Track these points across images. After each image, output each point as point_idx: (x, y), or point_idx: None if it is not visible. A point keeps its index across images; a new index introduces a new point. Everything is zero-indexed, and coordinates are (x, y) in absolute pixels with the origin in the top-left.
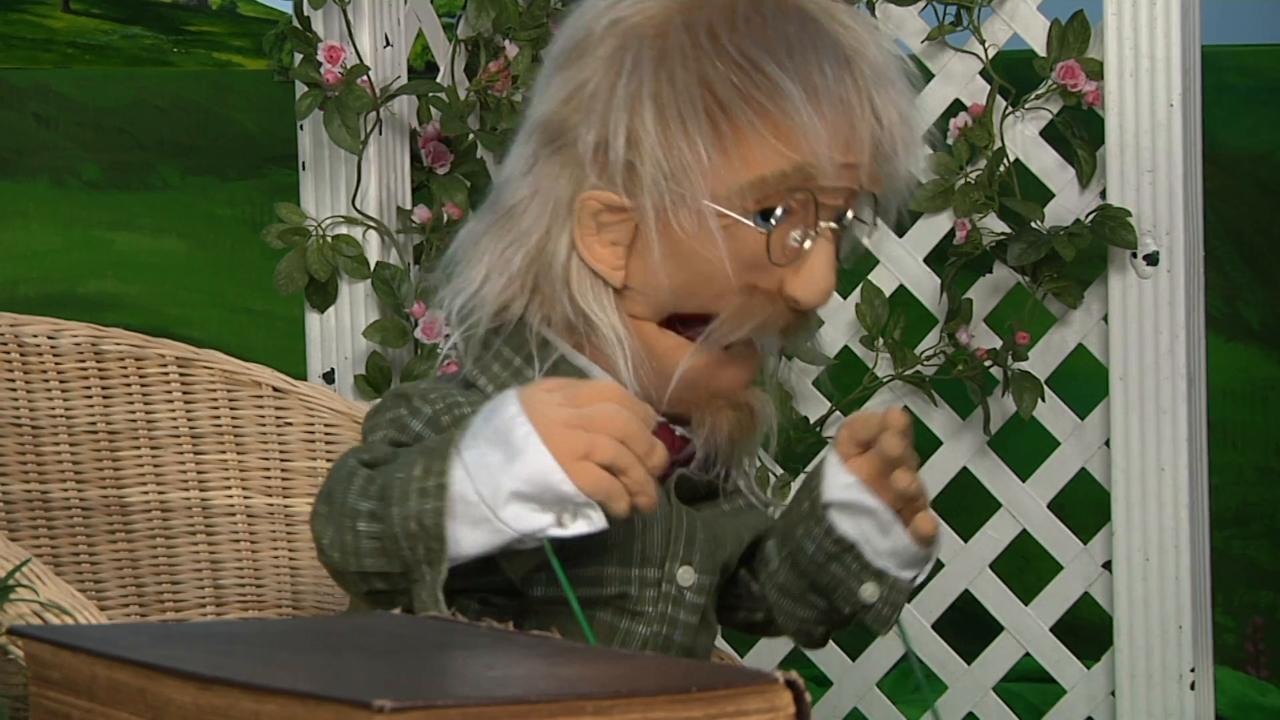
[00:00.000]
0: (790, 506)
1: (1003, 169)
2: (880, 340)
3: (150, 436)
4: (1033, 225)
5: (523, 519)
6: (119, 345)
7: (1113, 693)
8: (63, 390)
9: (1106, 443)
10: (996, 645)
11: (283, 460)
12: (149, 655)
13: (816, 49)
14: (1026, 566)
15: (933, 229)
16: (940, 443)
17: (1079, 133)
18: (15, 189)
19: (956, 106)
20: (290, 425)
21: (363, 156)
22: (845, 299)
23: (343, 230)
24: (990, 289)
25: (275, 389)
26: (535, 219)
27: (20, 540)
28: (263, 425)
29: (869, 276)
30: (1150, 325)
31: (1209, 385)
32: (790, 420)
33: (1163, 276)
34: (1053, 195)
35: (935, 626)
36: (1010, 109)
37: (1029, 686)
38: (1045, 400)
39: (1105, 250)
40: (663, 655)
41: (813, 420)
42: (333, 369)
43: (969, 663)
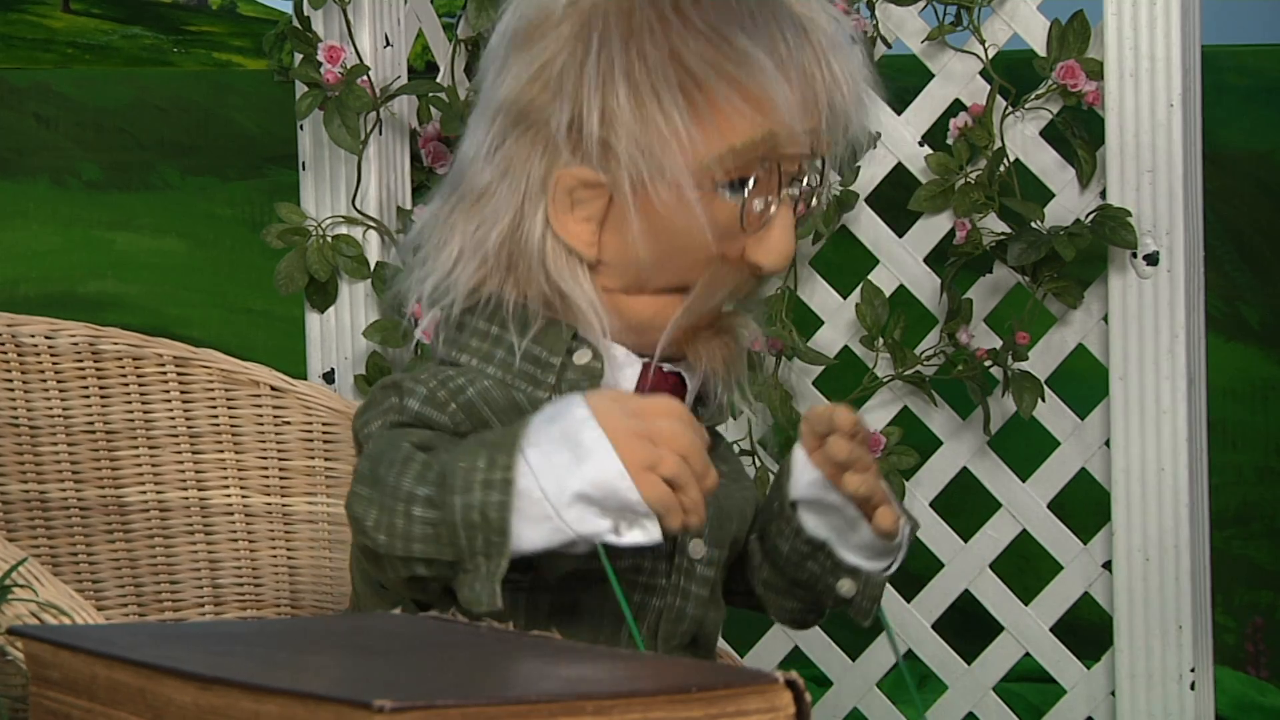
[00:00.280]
0: (766, 503)
1: (1003, 169)
2: (880, 340)
3: (148, 436)
4: (1033, 225)
5: (584, 521)
6: (117, 345)
7: (1113, 693)
8: (60, 390)
9: (1106, 443)
10: (996, 645)
11: (281, 459)
12: (149, 655)
13: (776, 19)
14: (1026, 566)
15: (933, 229)
16: (940, 443)
17: (1079, 133)
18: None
19: (956, 106)
20: (288, 424)
21: (363, 156)
22: (845, 299)
23: (343, 230)
24: (990, 289)
25: (273, 388)
26: (506, 199)
27: (18, 540)
28: (261, 425)
29: (869, 276)
30: (1150, 325)
31: (1209, 385)
32: (790, 420)
33: (1163, 276)
34: (1053, 195)
35: (935, 626)
36: (1010, 109)
37: (1029, 686)
38: (1045, 400)
39: (1105, 250)
40: (663, 655)
41: None
42: (333, 369)
43: (969, 663)
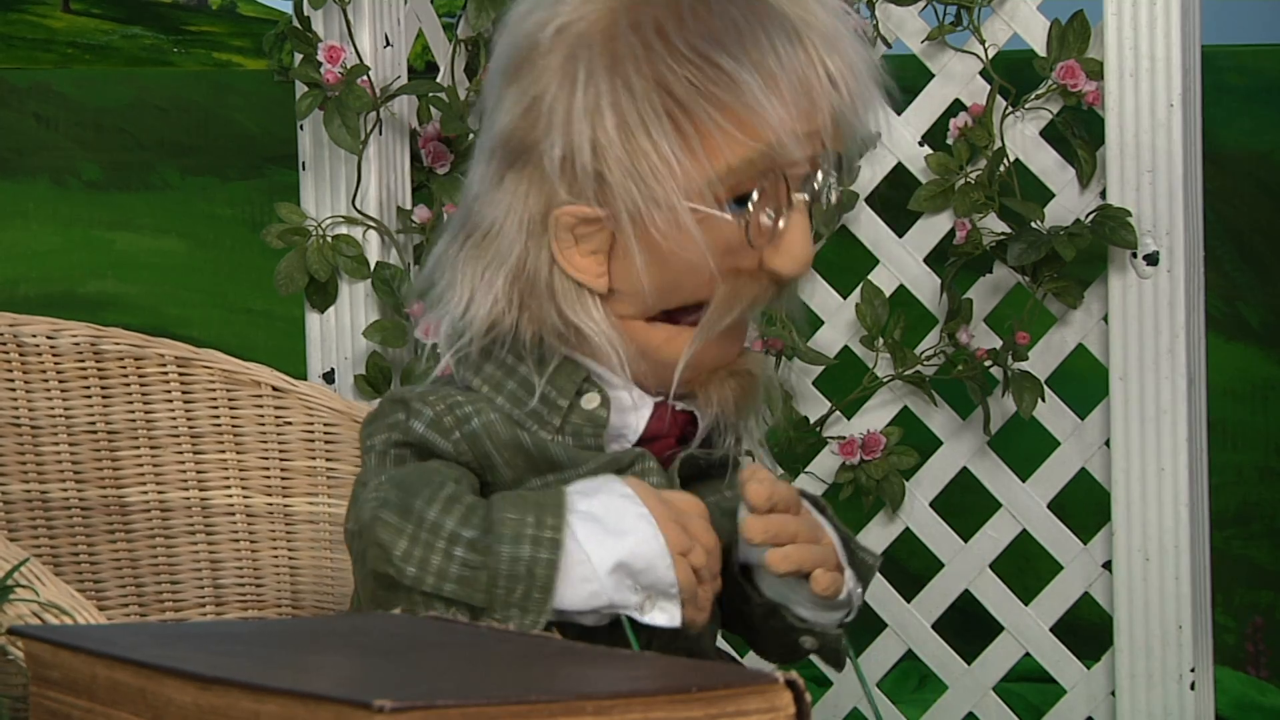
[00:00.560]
0: (726, 563)
1: (1003, 169)
2: (880, 340)
3: (150, 436)
4: (1033, 225)
5: (619, 591)
6: (118, 345)
7: (1113, 693)
8: (62, 390)
9: (1106, 443)
10: (996, 645)
11: (282, 460)
12: (149, 655)
13: (765, 28)
14: (1026, 566)
15: (933, 229)
16: (940, 443)
17: (1079, 133)
18: (15, 189)
19: (956, 106)
20: (290, 425)
21: (363, 156)
22: (845, 299)
23: (343, 230)
24: (990, 289)
25: (274, 389)
26: (511, 238)
27: (20, 540)
28: (262, 425)
29: (869, 276)
30: (1150, 325)
31: (1209, 385)
32: (790, 420)
33: (1163, 276)
34: (1053, 195)
35: (935, 626)
36: (1010, 109)
37: (1029, 686)
38: (1045, 400)
39: (1105, 250)
40: (663, 655)
41: (813, 420)
42: (333, 369)
43: (969, 663)
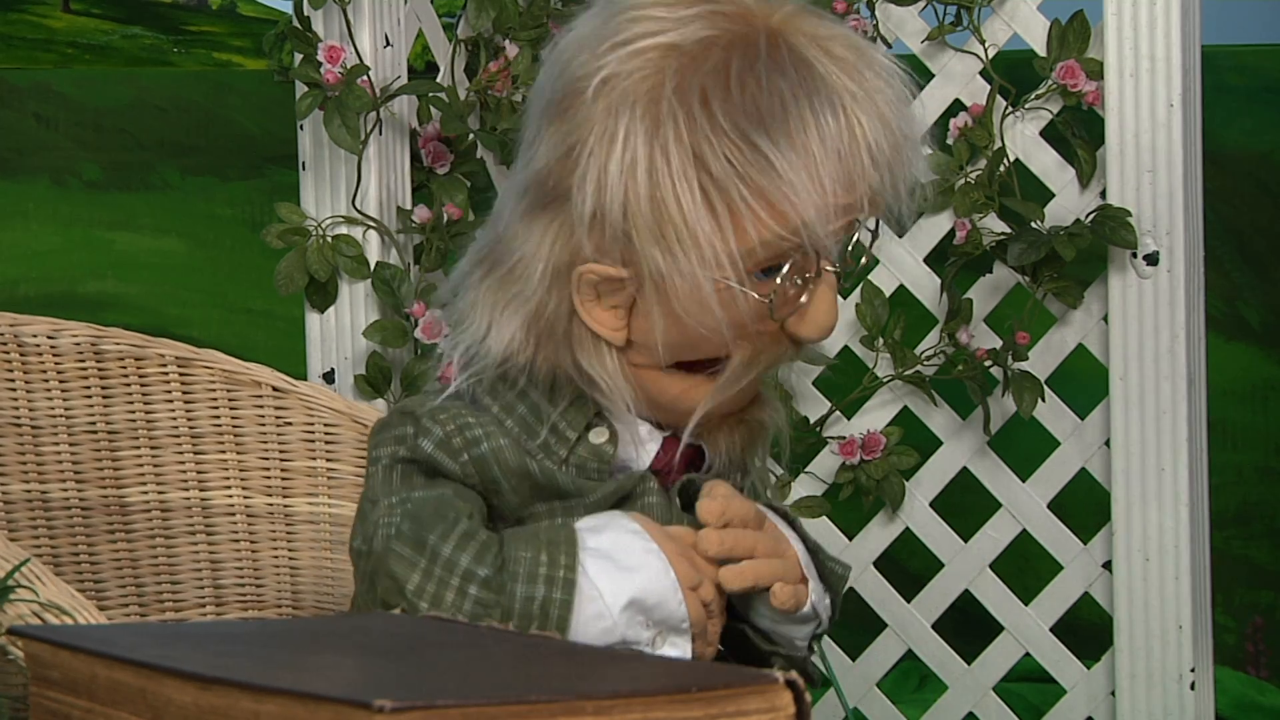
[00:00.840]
0: None
1: (1003, 169)
2: (880, 340)
3: (150, 436)
4: (1033, 225)
5: (632, 627)
6: (119, 345)
7: (1113, 693)
8: (62, 390)
9: (1106, 443)
10: (996, 645)
11: (282, 460)
12: (149, 655)
13: (812, 104)
14: (1026, 566)
15: (933, 229)
16: (940, 443)
17: (1079, 133)
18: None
19: (956, 106)
20: (290, 425)
21: (363, 156)
22: (845, 299)
23: (343, 230)
24: (990, 289)
25: (275, 389)
26: (535, 282)
27: (20, 540)
28: (262, 425)
29: (869, 276)
30: (1150, 325)
31: (1209, 385)
32: (790, 420)
33: (1163, 276)
34: (1053, 195)
35: (935, 626)
36: (1010, 109)
37: (1029, 686)
38: (1045, 400)
39: (1105, 250)
40: (663, 658)
41: (813, 420)
42: (333, 369)
43: (969, 663)
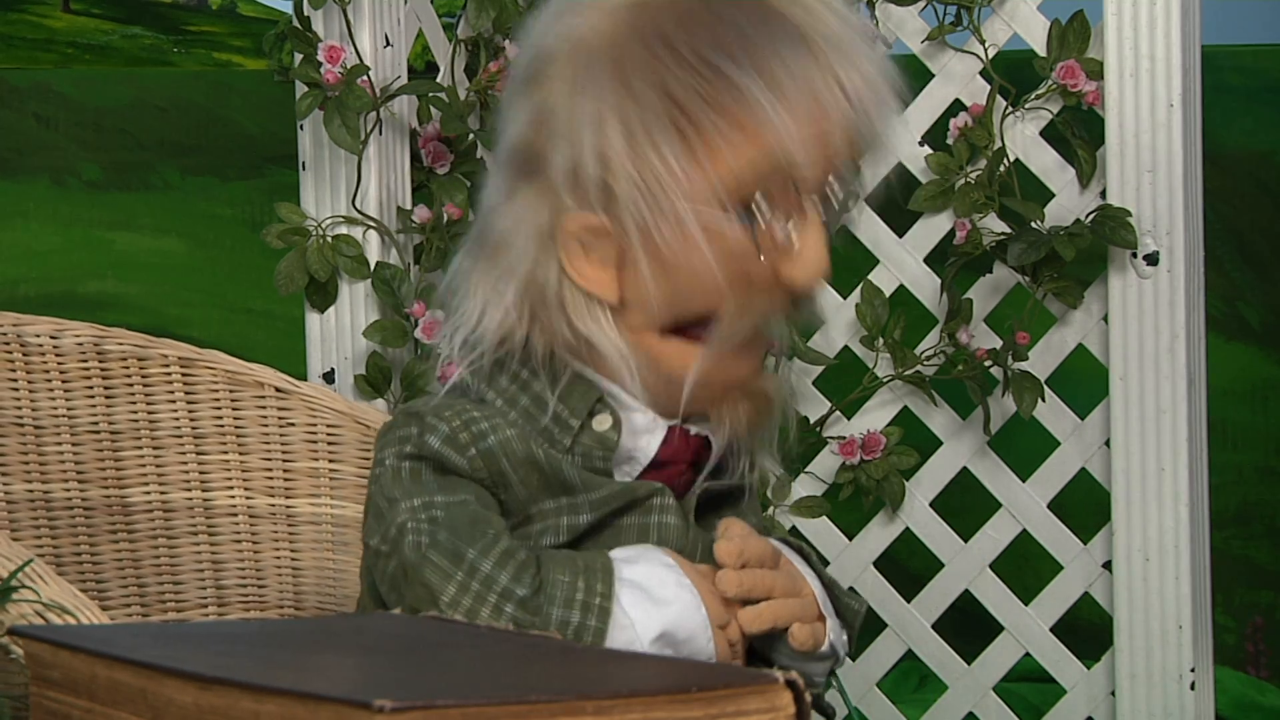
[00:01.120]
0: None
1: (1003, 169)
2: (880, 340)
3: (152, 437)
4: (1033, 225)
5: None
6: (121, 345)
7: (1113, 693)
8: (65, 390)
9: (1106, 443)
10: (996, 645)
11: (285, 461)
12: (150, 655)
13: (772, 36)
14: (1026, 566)
15: (933, 229)
16: (940, 443)
17: (1079, 133)
18: (15, 189)
19: (956, 106)
20: (293, 426)
21: (363, 156)
22: (845, 299)
23: (343, 230)
24: (990, 289)
25: (277, 389)
26: (521, 250)
27: (22, 540)
28: (265, 426)
29: (869, 276)
30: (1150, 325)
31: (1209, 385)
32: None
33: (1163, 276)
34: (1053, 195)
35: (935, 626)
36: (1010, 109)
37: (1029, 686)
38: (1045, 400)
39: (1105, 250)
40: (663, 657)
41: (813, 420)
42: (333, 369)
43: (969, 663)
